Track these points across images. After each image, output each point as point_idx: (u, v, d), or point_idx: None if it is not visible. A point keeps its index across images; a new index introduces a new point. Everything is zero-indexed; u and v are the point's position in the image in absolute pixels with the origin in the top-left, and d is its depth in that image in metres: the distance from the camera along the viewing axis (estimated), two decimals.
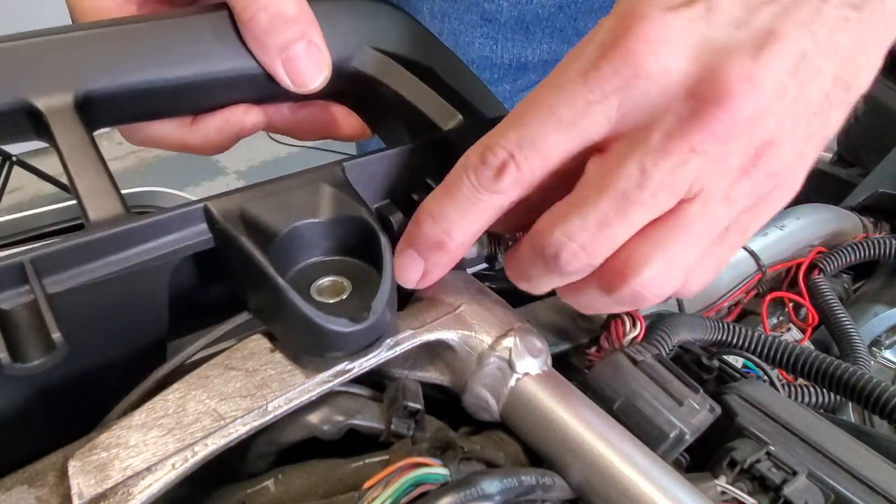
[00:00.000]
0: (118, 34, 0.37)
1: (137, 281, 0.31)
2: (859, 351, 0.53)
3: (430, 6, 0.72)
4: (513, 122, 0.29)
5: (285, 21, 0.38)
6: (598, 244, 0.28)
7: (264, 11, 0.37)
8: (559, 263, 0.29)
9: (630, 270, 0.28)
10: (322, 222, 0.32)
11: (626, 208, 0.27)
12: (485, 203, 0.29)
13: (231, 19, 0.39)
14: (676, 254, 0.28)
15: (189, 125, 0.42)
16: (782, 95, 0.26)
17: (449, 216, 0.30)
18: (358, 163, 0.36)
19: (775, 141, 0.27)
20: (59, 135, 0.33)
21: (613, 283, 0.29)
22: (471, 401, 0.32)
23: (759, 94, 0.26)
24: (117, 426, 0.27)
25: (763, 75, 0.26)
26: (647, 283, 0.28)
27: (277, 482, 0.29)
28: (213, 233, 0.32)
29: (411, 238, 0.31)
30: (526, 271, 0.31)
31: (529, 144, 0.28)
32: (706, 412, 0.33)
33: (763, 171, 0.28)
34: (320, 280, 0.32)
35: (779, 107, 0.27)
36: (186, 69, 0.38)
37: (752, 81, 0.26)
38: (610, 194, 0.27)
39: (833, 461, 0.35)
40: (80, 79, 0.35)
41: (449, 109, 0.41)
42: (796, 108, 0.27)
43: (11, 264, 0.28)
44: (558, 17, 0.71)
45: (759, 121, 0.26)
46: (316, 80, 0.39)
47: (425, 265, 0.31)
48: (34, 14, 2.47)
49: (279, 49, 0.38)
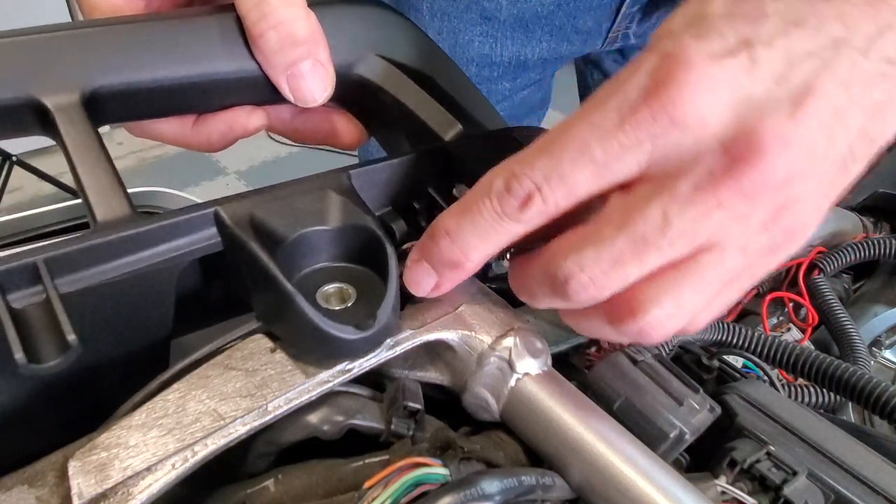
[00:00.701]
0: (126, 32, 0.37)
1: (147, 282, 0.31)
2: (859, 351, 0.53)
3: (429, 4, 0.72)
4: (542, 153, 0.28)
5: (294, 43, 0.38)
6: (609, 280, 0.28)
7: (274, 31, 0.38)
8: (567, 291, 0.29)
9: (638, 308, 0.28)
10: (329, 229, 0.32)
11: (642, 251, 0.27)
12: (505, 229, 0.29)
13: (238, 22, 0.39)
14: (686, 298, 0.28)
15: (192, 124, 0.43)
16: (812, 155, 0.26)
17: (467, 238, 0.30)
18: (363, 171, 0.36)
19: (799, 199, 0.27)
20: (65, 132, 0.33)
21: (620, 317, 0.29)
22: (471, 401, 0.32)
23: (792, 156, 0.26)
24: (117, 426, 0.27)
25: (797, 136, 0.25)
26: (654, 323, 0.28)
27: (277, 482, 0.29)
28: (223, 236, 0.32)
29: (426, 252, 0.31)
30: (531, 289, 0.31)
31: (558, 178, 0.28)
32: (706, 412, 0.33)
33: (782, 226, 0.28)
34: (326, 286, 0.32)
35: (807, 166, 0.26)
36: (193, 69, 0.38)
37: (786, 143, 0.25)
38: (629, 234, 0.27)
39: (833, 461, 0.35)
40: (88, 76, 0.35)
41: (449, 119, 0.42)
42: (822, 166, 0.27)
43: (25, 264, 0.28)
44: (557, 14, 0.71)
45: (787, 182, 0.26)
46: (319, 97, 0.40)
47: (438, 279, 0.31)
48: (36, 10, 2.47)
49: (285, 66, 0.39)
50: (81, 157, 0.33)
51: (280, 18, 0.38)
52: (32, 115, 0.35)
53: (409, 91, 0.43)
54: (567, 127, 0.28)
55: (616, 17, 0.72)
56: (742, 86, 0.26)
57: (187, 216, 0.31)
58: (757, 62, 0.26)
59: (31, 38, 0.35)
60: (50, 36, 0.35)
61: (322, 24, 0.39)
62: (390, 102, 0.43)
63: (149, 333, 0.33)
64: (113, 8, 0.40)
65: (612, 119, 0.27)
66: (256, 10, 0.38)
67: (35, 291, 0.28)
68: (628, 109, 0.26)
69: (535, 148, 0.28)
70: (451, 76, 0.46)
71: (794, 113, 0.25)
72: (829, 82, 0.26)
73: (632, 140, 0.26)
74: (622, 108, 0.26)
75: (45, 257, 0.28)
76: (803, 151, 0.26)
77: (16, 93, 0.34)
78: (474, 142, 0.41)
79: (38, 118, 0.35)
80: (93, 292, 0.29)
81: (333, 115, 0.47)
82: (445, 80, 0.46)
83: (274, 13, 0.37)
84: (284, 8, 0.38)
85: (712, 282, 0.28)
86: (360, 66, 0.43)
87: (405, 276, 0.32)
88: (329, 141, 0.47)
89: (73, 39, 0.36)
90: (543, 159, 0.28)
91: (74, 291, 0.29)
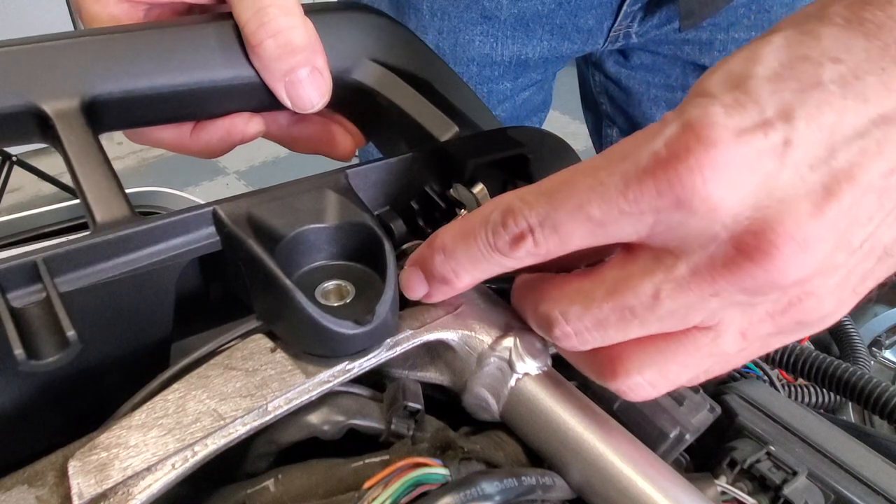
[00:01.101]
0: (125, 40, 0.38)
1: (146, 282, 0.31)
2: (859, 351, 0.53)
3: (430, 4, 0.72)
4: (543, 196, 0.26)
5: (292, 51, 0.39)
6: (590, 337, 0.27)
7: (272, 40, 0.38)
8: (551, 334, 0.28)
9: (620, 370, 0.27)
10: (327, 227, 0.33)
11: (627, 321, 0.26)
12: (495, 261, 0.28)
13: (235, 29, 0.39)
14: (671, 370, 0.27)
15: (191, 131, 0.43)
16: (839, 249, 0.23)
17: (459, 260, 0.29)
18: (361, 170, 0.37)
19: (815, 294, 0.24)
20: (65, 138, 0.34)
21: (601, 372, 0.28)
22: (471, 401, 0.32)
23: (808, 259, 0.23)
24: (117, 426, 0.27)
25: (819, 235, 0.22)
26: (634, 387, 0.27)
27: (277, 482, 0.29)
28: (221, 236, 0.32)
29: (422, 262, 0.31)
30: (524, 312, 0.31)
31: (551, 227, 0.26)
32: (706, 412, 0.33)
33: (792, 318, 0.25)
34: (325, 284, 0.32)
35: (829, 264, 0.23)
36: (191, 76, 0.39)
37: (803, 245, 0.22)
38: (616, 302, 0.26)
39: (833, 461, 0.35)
40: (87, 83, 0.36)
41: (445, 121, 0.42)
42: (852, 259, 0.24)
43: (25, 263, 0.28)
44: (558, 13, 0.71)
45: (799, 283, 0.24)
46: (316, 103, 0.41)
47: (430, 289, 0.31)
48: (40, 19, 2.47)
49: (283, 74, 0.39)
50: (81, 163, 0.33)
51: (279, 27, 0.38)
52: (33, 122, 0.35)
53: (405, 95, 0.43)
54: (574, 175, 0.26)
55: (617, 15, 0.72)
56: (767, 171, 0.23)
57: (185, 216, 0.32)
58: (791, 144, 0.23)
59: (31, 47, 0.35)
60: (50, 44, 0.36)
61: (317, 31, 0.40)
62: (387, 106, 0.44)
63: (149, 334, 0.33)
64: (112, 18, 0.41)
65: (616, 182, 0.24)
66: (255, 18, 0.38)
67: (35, 290, 0.28)
68: (635, 177, 0.24)
69: (538, 188, 0.27)
70: (446, 79, 0.47)
71: (822, 206, 0.22)
72: (874, 169, 0.22)
73: (633, 209, 0.24)
74: (630, 173, 0.24)
75: (45, 256, 0.28)
76: (825, 249, 0.23)
77: (16, 100, 0.34)
78: (471, 141, 0.41)
79: (38, 125, 0.35)
80: (93, 291, 0.30)
81: (330, 123, 0.48)
82: (441, 83, 0.46)
83: (272, 22, 0.38)
84: (283, 17, 0.38)
85: (703, 359, 0.27)
86: (356, 71, 0.44)
87: (401, 278, 0.32)
88: (323, 149, 0.48)
89: (72, 47, 0.36)
90: (543, 202, 0.26)
91: (74, 290, 0.29)
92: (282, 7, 0.38)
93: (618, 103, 0.87)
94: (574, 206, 0.25)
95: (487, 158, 0.39)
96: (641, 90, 0.83)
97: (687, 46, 0.77)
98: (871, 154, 0.22)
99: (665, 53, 0.78)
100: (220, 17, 0.40)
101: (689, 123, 0.23)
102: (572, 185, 0.26)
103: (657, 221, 0.24)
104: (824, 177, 0.23)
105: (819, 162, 0.23)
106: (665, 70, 0.80)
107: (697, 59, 0.77)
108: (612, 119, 0.90)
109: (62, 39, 0.36)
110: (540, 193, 0.27)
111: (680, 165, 0.23)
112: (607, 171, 0.25)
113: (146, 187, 0.98)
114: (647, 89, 0.82)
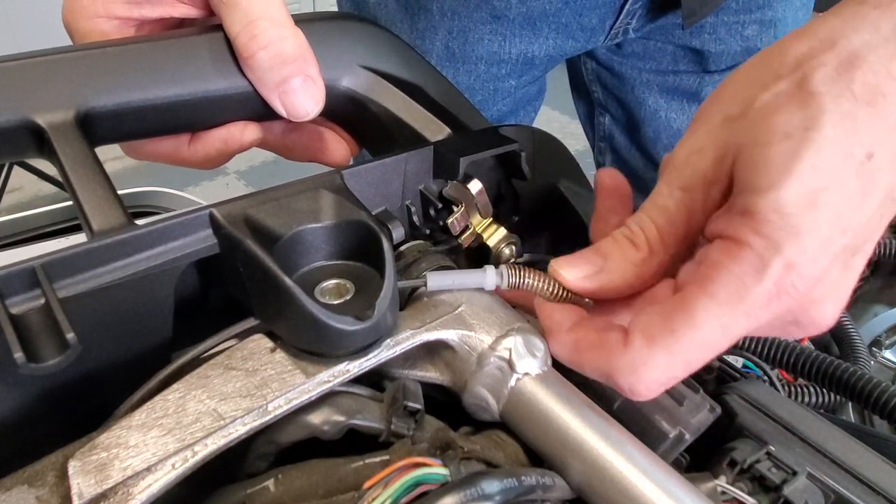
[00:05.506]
0: (118, 54, 0.38)
1: (145, 286, 0.31)
2: (859, 351, 0.53)
3: (439, 4, 0.72)
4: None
5: (284, 61, 0.39)
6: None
7: (265, 51, 0.39)
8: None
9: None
10: (325, 226, 0.33)
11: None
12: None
13: (227, 40, 0.40)
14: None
15: (189, 143, 0.43)
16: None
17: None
18: (356, 171, 0.37)
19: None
20: (61, 151, 0.34)
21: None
22: (471, 401, 0.32)
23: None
24: (117, 426, 0.27)
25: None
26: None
27: (277, 482, 0.29)
28: (218, 237, 0.32)
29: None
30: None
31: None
32: (706, 412, 0.33)
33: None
34: (324, 283, 0.32)
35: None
36: (185, 88, 0.39)
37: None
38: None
39: (833, 461, 0.35)
40: (82, 97, 0.36)
41: (437, 124, 0.43)
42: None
43: (23, 269, 0.28)
44: (564, 12, 0.72)
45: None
46: (311, 110, 0.41)
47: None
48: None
49: (277, 84, 0.40)
50: (77, 175, 0.33)
51: (269, 39, 0.38)
52: (28, 137, 0.35)
53: (397, 100, 0.44)
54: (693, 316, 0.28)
55: (619, 13, 0.72)
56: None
57: (182, 218, 0.32)
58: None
59: (26, 63, 0.36)
60: (44, 59, 0.36)
61: (308, 40, 0.40)
62: (379, 112, 0.44)
63: (149, 340, 0.33)
64: (102, 35, 0.41)
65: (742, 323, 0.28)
66: (246, 31, 0.38)
67: (33, 296, 0.28)
68: (756, 311, 0.27)
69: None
70: (436, 83, 0.48)
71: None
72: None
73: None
74: (751, 309, 0.27)
75: (43, 262, 0.28)
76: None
77: (11, 115, 0.34)
78: (462, 140, 0.42)
79: (34, 139, 0.35)
80: (91, 296, 0.30)
81: (323, 131, 0.49)
82: (431, 87, 0.47)
83: (263, 34, 0.38)
84: (273, 28, 0.38)
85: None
86: (347, 79, 0.45)
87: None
88: (317, 157, 0.49)
89: (66, 62, 0.36)
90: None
91: (73, 295, 0.29)
92: (271, 19, 0.38)
93: (610, 90, 0.88)
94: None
95: (479, 156, 0.39)
96: (634, 75, 0.84)
97: (678, 31, 0.78)
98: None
99: (656, 38, 0.79)
100: (212, 28, 0.40)
101: (791, 264, 0.27)
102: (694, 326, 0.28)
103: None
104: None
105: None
106: (656, 56, 0.81)
107: (689, 42, 0.79)
108: (604, 106, 0.91)
109: (56, 54, 0.36)
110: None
111: (804, 315, 0.29)
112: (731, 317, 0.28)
113: (146, 187, 0.98)
114: (639, 74, 0.83)
